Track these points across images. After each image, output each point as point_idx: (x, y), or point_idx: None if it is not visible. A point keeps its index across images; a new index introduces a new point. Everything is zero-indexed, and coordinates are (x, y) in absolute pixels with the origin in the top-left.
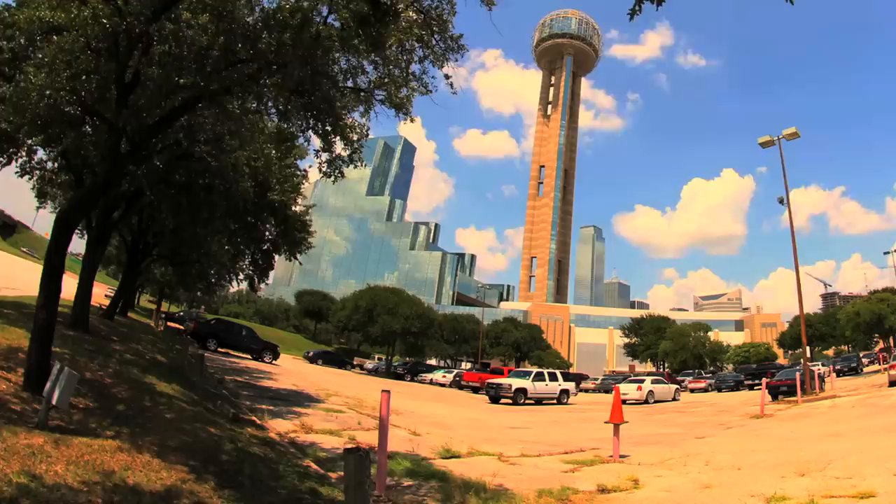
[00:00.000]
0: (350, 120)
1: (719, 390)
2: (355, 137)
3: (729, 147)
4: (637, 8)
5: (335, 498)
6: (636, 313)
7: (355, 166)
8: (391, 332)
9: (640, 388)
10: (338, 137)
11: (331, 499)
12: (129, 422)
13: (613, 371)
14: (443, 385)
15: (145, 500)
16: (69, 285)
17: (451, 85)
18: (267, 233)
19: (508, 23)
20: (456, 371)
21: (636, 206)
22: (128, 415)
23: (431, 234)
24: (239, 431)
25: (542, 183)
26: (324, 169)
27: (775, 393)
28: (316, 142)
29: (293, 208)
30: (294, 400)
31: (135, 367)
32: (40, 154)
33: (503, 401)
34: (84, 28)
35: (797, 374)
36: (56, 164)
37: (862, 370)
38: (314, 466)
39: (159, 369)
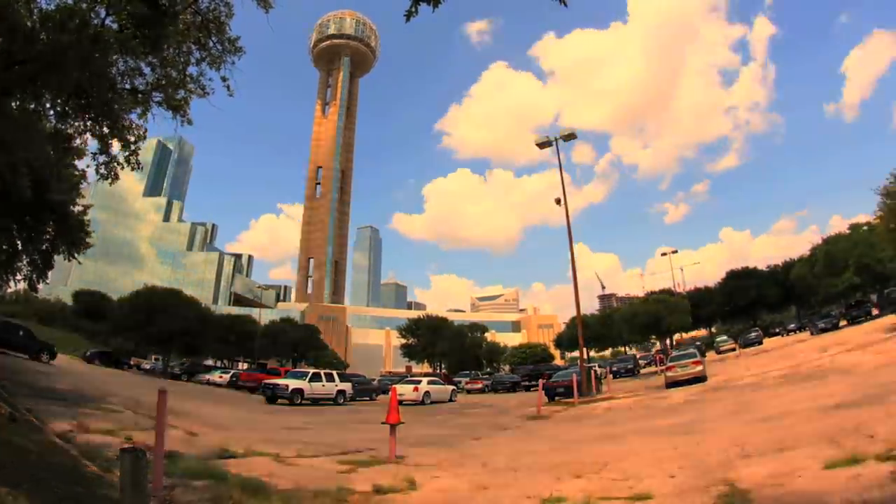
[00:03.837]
0: (128, 122)
1: (496, 391)
2: (132, 139)
3: None
4: (413, 9)
5: (114, 497)
6: (413, 314)
7: (133, 168)
8: (168, 332)
9: (416, 389)
10: (115, 140)
11: (112, 499)
12: None
13: (390, 372)
14: (220, 385)
15: None
16: None
17: (228, 87)
18: (45, 234)
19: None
20: (233, 371)
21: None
22: None
23: (209, 235)
24: (23, 434)
25: (319, 184)
26: (101, 171)
27: (552, 394)
28: (94, 143)
29: (72, 208)
30: (72, 400)
31: None
32: None
33: (280, 401)
34: None
35: (574, 376)
36: None
37: (639, 371)
38: (93, 467)
39: None
